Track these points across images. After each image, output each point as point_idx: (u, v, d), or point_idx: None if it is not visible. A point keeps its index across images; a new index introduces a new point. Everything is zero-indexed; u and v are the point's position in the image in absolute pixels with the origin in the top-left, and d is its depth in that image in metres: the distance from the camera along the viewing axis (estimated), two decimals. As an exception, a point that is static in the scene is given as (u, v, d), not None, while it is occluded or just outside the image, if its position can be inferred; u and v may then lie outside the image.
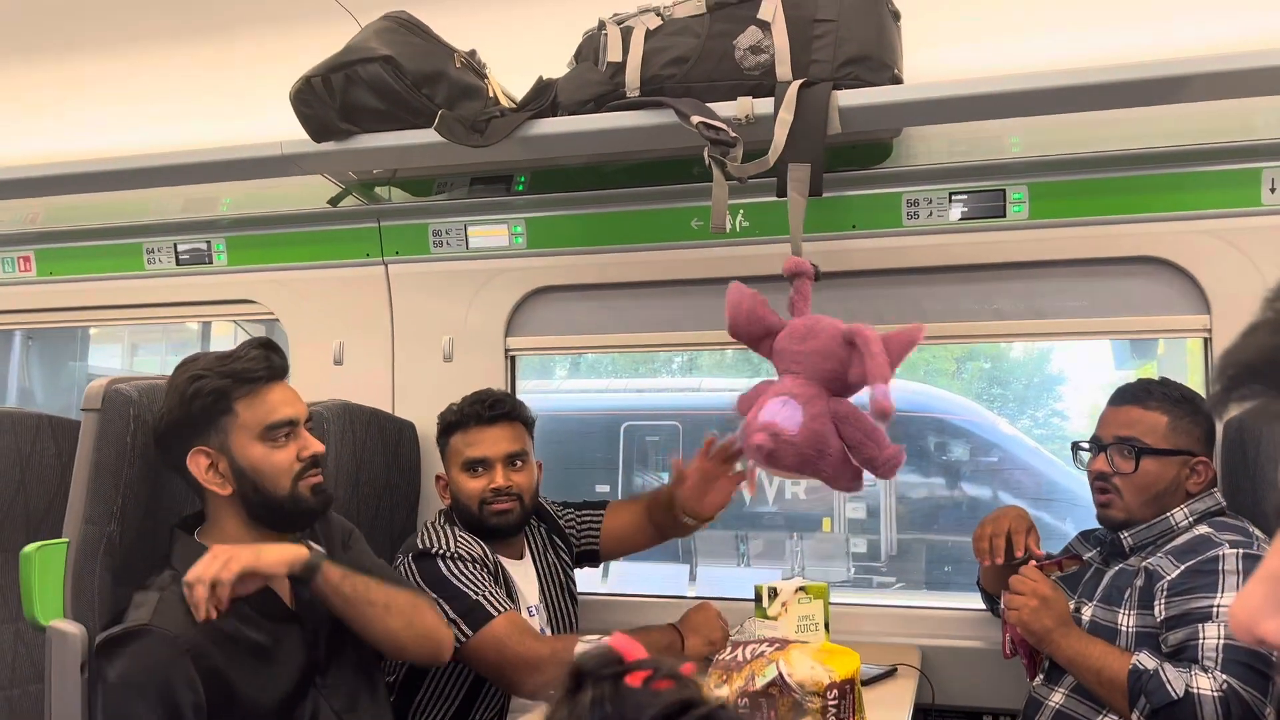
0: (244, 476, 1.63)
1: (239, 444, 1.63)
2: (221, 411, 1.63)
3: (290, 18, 2.31)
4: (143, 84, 2.51)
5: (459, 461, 2.17)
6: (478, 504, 2.14)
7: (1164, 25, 1.84)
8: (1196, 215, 2.13)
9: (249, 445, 1.63)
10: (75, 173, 2.29)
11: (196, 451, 1.63)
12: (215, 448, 1.63)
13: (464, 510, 2.16)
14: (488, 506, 2.14)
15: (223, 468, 1.63)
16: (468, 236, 2.57)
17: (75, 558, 1.67)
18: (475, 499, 2.14)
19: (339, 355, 2.67)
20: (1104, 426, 1.96)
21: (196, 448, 1.63)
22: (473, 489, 2.15)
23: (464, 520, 2.17)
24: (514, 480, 2.16)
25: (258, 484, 1.64)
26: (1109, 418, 1.96)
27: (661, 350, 2.52)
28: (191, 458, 1.63)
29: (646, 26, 1.93)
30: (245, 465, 1.63)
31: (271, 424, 1.65)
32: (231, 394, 1.63)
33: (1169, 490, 1.87)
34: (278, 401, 1.67)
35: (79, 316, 3.03)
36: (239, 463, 1.63)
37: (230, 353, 1.67)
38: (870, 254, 2.32)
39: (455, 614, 1.96)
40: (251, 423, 1.64)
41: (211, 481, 1.63)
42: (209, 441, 1.63)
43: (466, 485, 2.15)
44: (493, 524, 2.14)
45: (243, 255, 2.75)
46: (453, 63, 2.04)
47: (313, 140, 2.04)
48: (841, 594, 5.73)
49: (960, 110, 1.85)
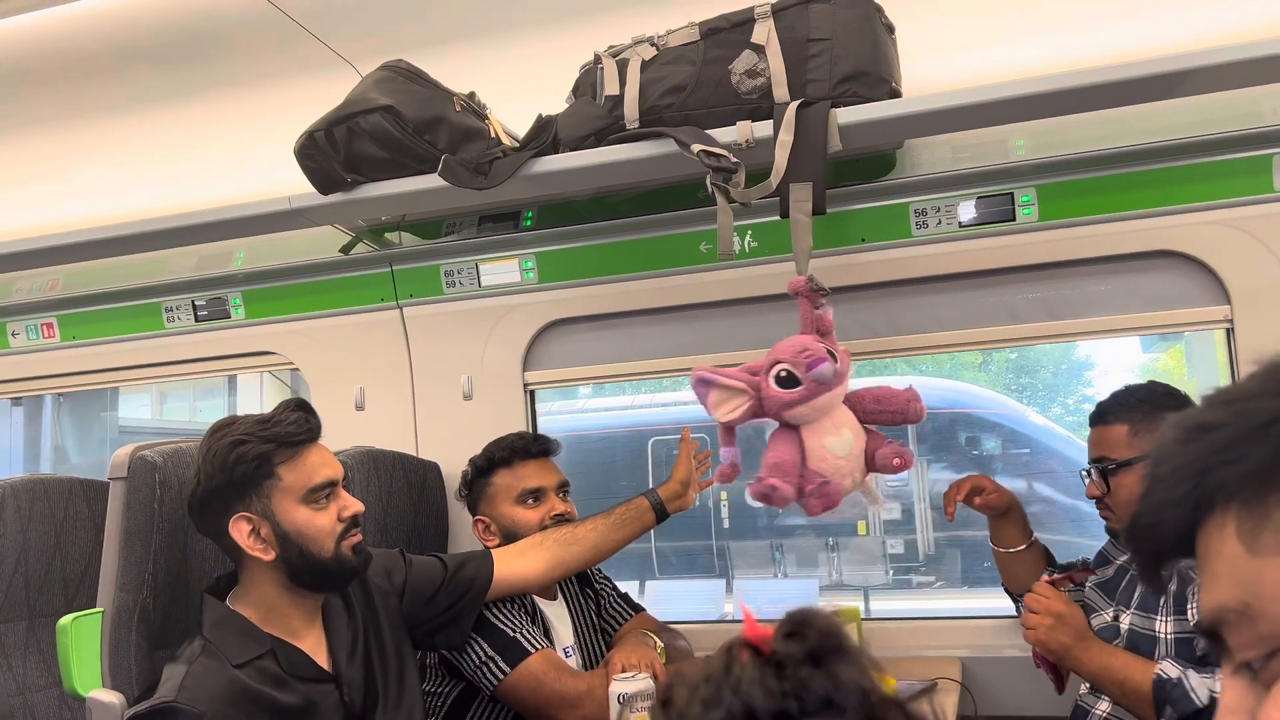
0: (288, 541, 1.62)
1: (282, 508, 1.62)
2: (264, 476, 1.62)
3: (291, 70, 2.33)
4: (149, 145, 2.55)
5: (512, 495, 2.18)
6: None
7: (1158, 21, 1.82)
8: (1209, 206, 2.10)
9: (293, 509, 1.62)
10: (89, 240, 2.32)
11: (239, 517, 1.61)
12: (258, 513, 1.61)
13: None
14: None
15: (265, 532, 1.61)
16: (480, 275, 2.59)
17: (111, 626, 1.69)
18: (536, 528, 2.15)
19: (360, 401, 2.69)
20: (1089, 449, 1.97)
21: (239, 513, 1.61)
22: (532, 519, 2.16)
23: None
24: (568, 508, 2.20)
25: (303, 547, 1.62)
26: (1089, 440, 1.97)
27: (679, 375, 2.51)
28: (234, 523, 1.61)
29: (642, 57, 1.94)
30: (290, 529, 1.62)
31: (314, 486, 1.64)
32: (274, 458, 1.62)
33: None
34: (318, 463, 1.67)
35: (104, 378, 3.07)
36: (284, 527, 1.61)
37: (269, 416, 1.67)
38: (882, 266, 2.31)
39: (492, 650, 1.96)
40: (295, 486, 1.63)
41: (254, 547, 1.61)
42: (251, 507, 1.61)
43: (524, 516, 2.17)
44: None
45: (260, 308, 2.77)
46: (453, 106, 2.05)
47: (319, 193, 2.06)
48: (881, 600, 5.72)
49: (960, 119, 1.84)
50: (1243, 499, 0.53)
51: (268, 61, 2.31)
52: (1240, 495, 0.53)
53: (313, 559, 1.63)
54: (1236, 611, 0.53)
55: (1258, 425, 0.52)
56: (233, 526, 1.61)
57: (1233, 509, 0.54)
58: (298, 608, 1.66)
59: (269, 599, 1.64)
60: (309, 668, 1.63)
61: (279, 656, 1.60)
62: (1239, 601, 0.53)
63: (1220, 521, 0.54)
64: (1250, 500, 0.53)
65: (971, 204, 2.24)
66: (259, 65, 2.33)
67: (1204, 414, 0.55)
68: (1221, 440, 0.54)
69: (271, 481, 1.62)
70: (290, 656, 1.61)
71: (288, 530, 1.61)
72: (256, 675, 1.55)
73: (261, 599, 1.65)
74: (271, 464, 1.62)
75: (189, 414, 7.36)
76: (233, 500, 1.61)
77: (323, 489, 1.65)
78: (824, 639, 0.60)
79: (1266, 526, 0.52)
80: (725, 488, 6.04)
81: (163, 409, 7.04)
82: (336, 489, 1.68)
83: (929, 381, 7.06)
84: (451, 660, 2.02)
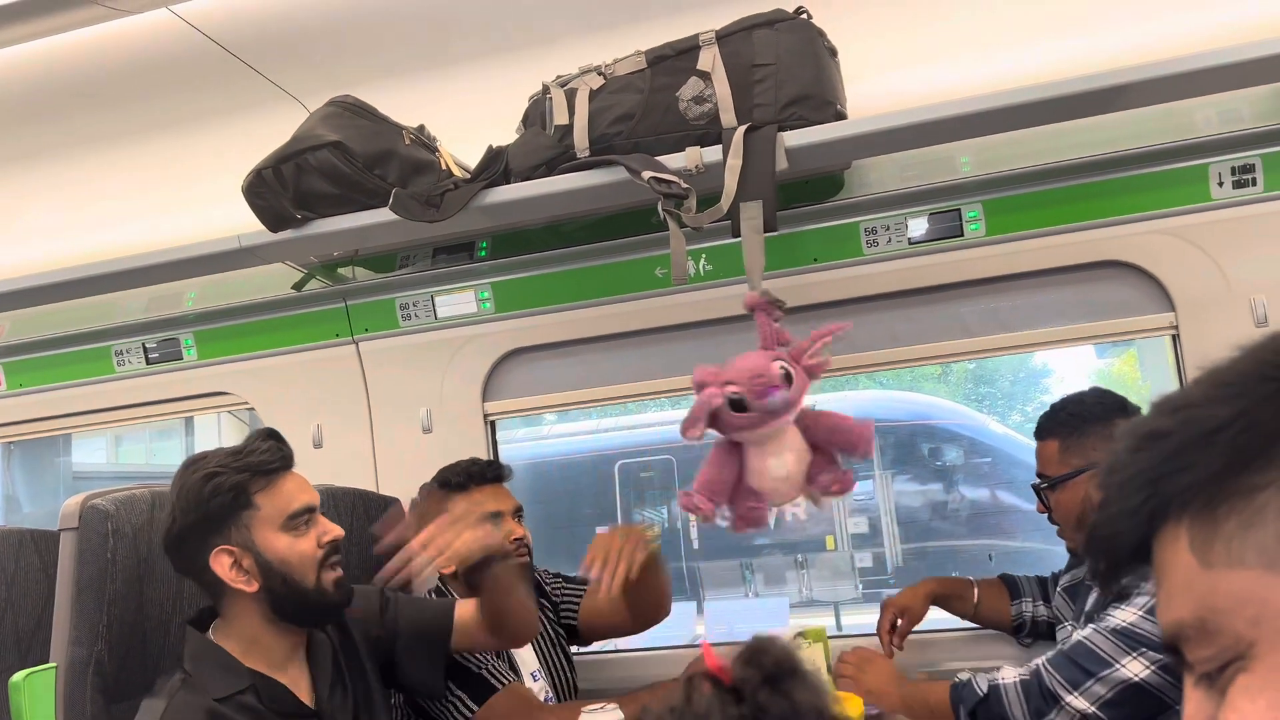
0: (271, 570, 1.60)
1: (263, 537, 1.60)
2: (242, 506, 1.60)
3: (237, 108, 2.32)
4: (93, 187, 2.52)
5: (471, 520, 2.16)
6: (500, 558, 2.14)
7: (1095, 37, 1.87)
8: (1150, 216, 2.15)
9: (274, 537, 1.60)
10: (35, 286, 2.29)
11: (220, 551, 1.58)
12: (239, 544, 1.59)
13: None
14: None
15: (247, 564, 1.59)
16: (435, 307, 2.57)
17: (65, 681, 1.64)
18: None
19: (318, 438, 2.66)
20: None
21: (219, 547, 1.59)
22: None
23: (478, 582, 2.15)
24: (524, 532, 2.20)
25: (286, 576, 1.60)
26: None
27: (639, 400, 2.51)
28: (215, 558, 1.58)
29: (590, 87, 1.95)
30: (273, 558, 1.60)
31: (293, 513, 1.62)
32: (250, 488, 1.61)
33: (1090, 510, 1.86)
34: (295, 490, 1.65)
35: (54, 425, 3.00)
36: (266, 556, 1.59)
37: (241, 447, 1.65)
38: (834, 285, 2.33)
39: (459, 689, 1.95)
40: (274, 514, 1.61)
41: (237, 580, 1.59)
42: (230, 539, 1.59)
43: None
44: None
45: (212, 348, 2.74)
46: (402, 140, 2.05)
47: (269, 231, 2.04)
48: (852, 615, 5.74)
49: (905, 139, 1.87)
50: (1193, 510, 0.53)
51: (213, 99, 2.29)
52: (1191, 506, 0.53)
53: (296, 588, 1.61)
54: (1194, 627, 0.53)
55: (1204, 433, 0.52)
56: (214, 561, 1.58)
57: (1185, 521, 0.54)
58: (280, 641, 1.64)
59: (251, 632, 1.62)
60: (291, 703, 1.61)
61: (260, 691, 1.57)
62: (1195, 617, 0.53)
63: (1174, 534, 0.54)
64: (1201, 511, 0.53)
65: (920, 221, 2.28)
66: (204, 103, 2.31)
67: (1153, 421, 0.55)
68: (1169, 448, 0.54)
69: (250, 512, 1.60)
70: (272, 691, 1.58)
71: (270, 560, 1.59)
72: (237, 710, 1.53)
73: (243, 632, 1.62)
74: (248, 494, 1.60)
75: (145, 456, 7.23)
76: (211, 535, 1.59)
77: (301, 515, 1.63)
78: (780, 664, 0.62)
79: (1218, 538, 0.52)
80: (693, 508, 6.04)
81: (118, 452, 6.91)
82: (315, 515, 1.66)
83: (890, 394, 7.14)
84: (418, 700, 1.99)
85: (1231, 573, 0.52)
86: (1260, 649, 0.51)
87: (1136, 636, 1.63)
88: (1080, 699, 1.63)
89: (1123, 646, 1.63)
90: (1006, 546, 5.79)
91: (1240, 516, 0.51)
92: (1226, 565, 0.52)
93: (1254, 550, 0.51)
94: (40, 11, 1.81)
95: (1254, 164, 2.09)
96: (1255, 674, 0.51)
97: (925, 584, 2.19)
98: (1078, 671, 1.65)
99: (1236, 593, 0.51)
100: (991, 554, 5.80)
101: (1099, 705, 1.62)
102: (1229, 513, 0.52)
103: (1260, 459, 0.51)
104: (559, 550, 5.72)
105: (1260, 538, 0.51)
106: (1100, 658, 1.64)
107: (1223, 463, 0.52)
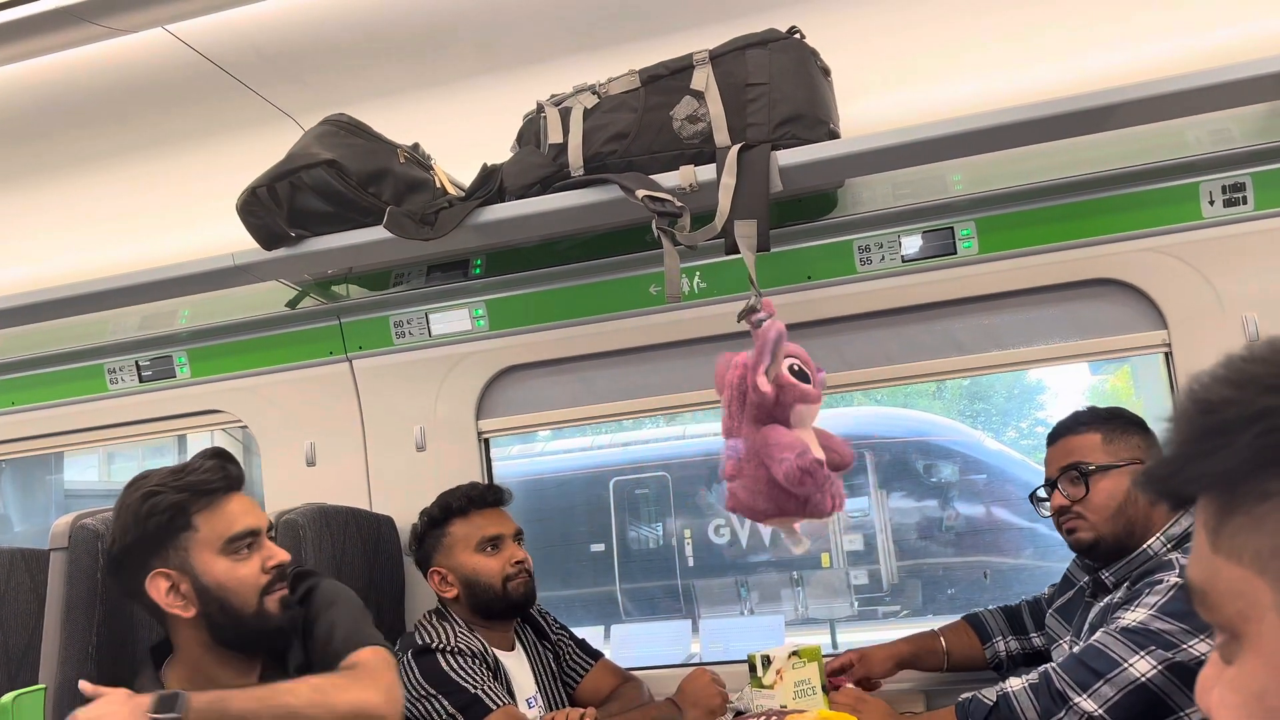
0: (208, 595, 1.54)
1: (201, 561, 1.55)
2: (180, 528, 1.55)
3: (232, 126, 2.32)
4: (88, 206, 2.52)
5: (472, 544, 2.17)
6: (501, 581, 2.15)
7: (1087, 57, 1.89)
8: (1142, 234, 2.16)
9: (212, 561, 1.55)
10: (29, 303, 2.28)
11: (156, 574, 1.54)
12: (175, 567, 1.54)
13: (484, 591, 2.15)
14: (511, 582, 2.16)
15: (184, 588, 1.54)
16: (429, 324, 2.57)
17: (54, 703, 1.63)
18: (498, 575, 2.15)
19: (311, 456, 2.65)
20: (1049, 467, 1.97)
21: (155, 570, 1.54)
22: (493, 567, 2.16)
23: (480, 604, 2.16)
24: (525, 555, 2.21)
25: (224, 601, 1.55)
26: (1051, 458, 1.98)
27: (634, 417, 2.50)
28: (150, 581, 1.54)
29: (584, 106, 1.96)
30: (210, 582, 1.54)
31: (233, 536, 1.57)
32: (189, 508, 1.56)
33: (1130, 503, 1.85)
34: (238, 512, 1.59)
35: (46, 444, 2.99)
36: (202, 580, 1.54)
37: (184, 466, 1.61)
38: (828, 302, 2.33)
39: (454, 709, 1.95)
40: (212, 537, 1.56)
41: (174, 605, 1.54)
42: (168, 562, 1.54)
43: (486, 564, 2.16)
44: (517, 597, 2.17)
45: (205, 366, 2.73)
46: (396, 158, 2.05)
47: (264, 249, 2.04)
48: (847, 632, 5.72)
49: (897, 158, 1.88)
50: (1214, 493, 0.55)
51: (208, 117, 2.30)
52: (1213, 489, 0.55)
53: (234, 614, 1.55)
54: (1199, 595, 0.57)
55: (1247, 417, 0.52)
56: (149, 584, 1.54)
57: (1210, 498, 0.56)
58: (225, 669, 1.59)
59: (193, 660, 1.58)
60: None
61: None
62: (1200, 587, 0.56)
63: (1204, 503, 0.56)
64: (1219, 496, 0.55)
65: (913, 239, 2.28)
66: (199, 121, 2.31)
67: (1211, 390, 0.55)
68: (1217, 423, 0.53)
69: (188, 534, 1.55)
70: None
71: (207, 584, 1.54)
72: None
73: (187, 661, 1.58)
74: (187, 514, 1.55)
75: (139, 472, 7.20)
76: (149, 556, 1.55)
77: (243, 538, 1.58)
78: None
79: (1225, 529, 0.54)
80: (687, 525, 6.03)
81: (110, 470, 6.87)
82: (260, 538, 1.61)
83: (885, 411, 7.13)
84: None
85: (1229, 565, 0.54)
86: (1246, 643, 0.53)
87: (1146, 634, 1.63)
88: (1089, 700, 1.63)
89: (1131, 645, 1.63)
90: (1001, 564, 5.77)
91: (1248, 516, 0.53)
92: (1227, 556, 0.54)
93: (1250, 552, 0.53)
94: (36, 31, 1.82)
95: (1245, 183, 2.11)
96: (1241, 667, 0.54)
97: (896, 645, 2.17)
98: (1087, 673, 1.65)
99: (1231, 584, 0.54)
100: (987, 572, 5.79)
101: (1105, 708, 1.61)
102: (1240, 509, 0.53)
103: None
104: (554, 568, 5.70)
105: (1258, 542, 0.52)
106: (1110, 659, 1.64)
107: (1252, 456, 0.52)
